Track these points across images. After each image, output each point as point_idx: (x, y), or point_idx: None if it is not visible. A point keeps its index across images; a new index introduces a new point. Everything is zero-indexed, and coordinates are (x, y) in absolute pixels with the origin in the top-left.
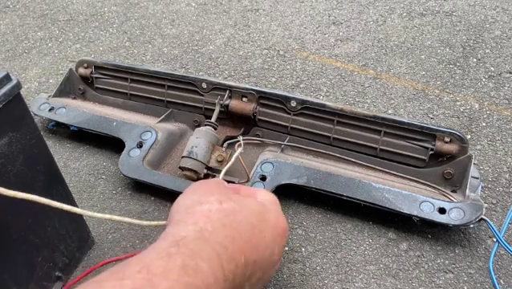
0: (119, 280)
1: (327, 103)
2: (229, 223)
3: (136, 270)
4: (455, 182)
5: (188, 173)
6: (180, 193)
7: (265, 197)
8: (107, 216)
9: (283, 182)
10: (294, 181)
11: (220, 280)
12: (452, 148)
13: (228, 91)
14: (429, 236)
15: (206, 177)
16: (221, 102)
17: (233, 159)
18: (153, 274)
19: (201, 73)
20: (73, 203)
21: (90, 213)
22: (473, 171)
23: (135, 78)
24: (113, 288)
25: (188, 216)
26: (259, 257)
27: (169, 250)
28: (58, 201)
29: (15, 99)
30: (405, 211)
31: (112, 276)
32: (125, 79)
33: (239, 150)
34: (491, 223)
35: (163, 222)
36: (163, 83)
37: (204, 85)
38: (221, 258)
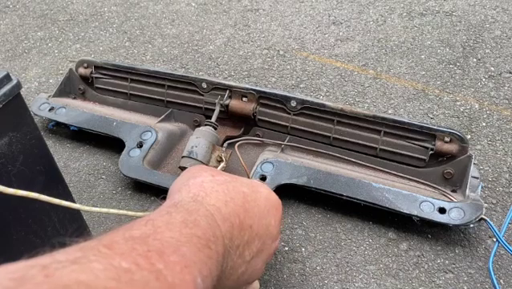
0: (129, 230)
1: (327, 103)
2: (222, 190)
3: (143, 223)
4: (455, 182)
5: None
6: None
7: (254, 180)
8: (104, 210)
9: (283, 182)
10: (294, 181)
11: (218, 236)
12: (452, 147)
13: (228, 91)
14: (429, 236)
15: None
16: (221, 102)
17: (224, 162)
18: (157, 226)
19: (201, 73)
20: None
21: (87, 208)
22: (473, 171)
23: (135, 78)
24: (123, 235)
25: (183, 187)
26: (255, 223)
27: (169, 210)
28: None
29: (15, 99)
30: (405, 211)
31: (123, 228)
32: (125, 79)
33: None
34: (491, 223)
35: None
36: (163, 83)
37: (204, 85)
38: (215, 218)
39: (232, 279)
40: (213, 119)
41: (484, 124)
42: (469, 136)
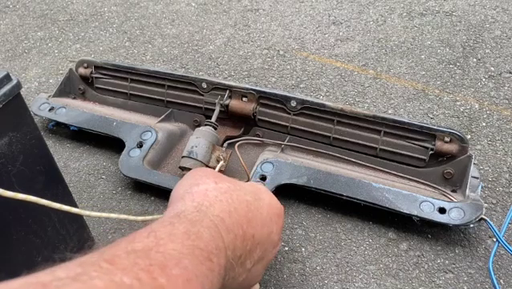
0: (131, 242)
1: (327, 103)
2: (225, 199)
3: (145, 235)
4: (455, 182)
5: None
6: None
7: (256, 184)
8: (105, 214)
9: (283, 182)
10: (294, 181)
11: (221, 248)
12: (452, 147)
13: (228, 91)
14: (429, 236)
15: None
16: (221, 102)
17: (220, 164)
18: (160, 238)
19: (201, 73)
20: (73, 203)
21: (87, 213)
22: (473, 171)
23: (135, 78)
24: (125, 249)
25: (187, 195)
26: (257, 232)
27: (171, 220)
28: (58, 201)
29: (15, 99)
30: (405, 211)
31: (124, 240)
32: (125, 79)
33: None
34: (491, 223)
35: (159, 216)
36: (163, 83)
37: (204, 85)
38: (219, 229)
39: (233, 286)
40: (213, 119)
41: (484, 124)
42: (469, 136)
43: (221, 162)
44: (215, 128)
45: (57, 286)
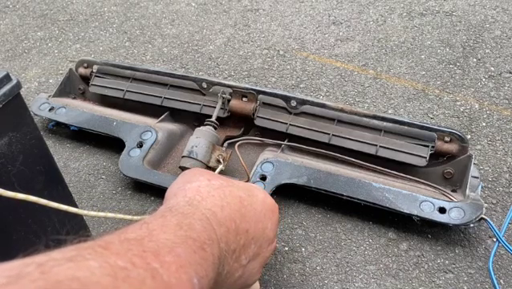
0: (124, 233)
1: (327, 103)
2: (218, 194)
3: (137, 227)
4: (455, 182)
5: None
6: None
7: (250, 183)
8: (102, 214)
9: (283, 182)
10: (294, 181)
11: (214, 239)
12: (452, 147)
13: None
14: (429, 236)
15: None
16: (224, 95)
17: (222, 165)
18: (152, 229)
19: (200, 73)
20: (73, 203)
21: (85, 212)
22: (473, 171)
23: (135, 78)
24: (118, 237)
25: (179, 192)
26: (251, 227)
27: (163, 214)
28: (58, 201)
29: (15, 99)
30: (405, 211)
31: (117, 231)
32: (125, 79)
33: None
34: (491, 223)
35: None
36: (163, 82)
37: (204, 85)
38: (210, 222)
39: (229, 283)
40: (215, 115)
41: (484, 124)
42: (469, 136)
43: (221, 166)
44: (215, 128)
45: (52, 266)
